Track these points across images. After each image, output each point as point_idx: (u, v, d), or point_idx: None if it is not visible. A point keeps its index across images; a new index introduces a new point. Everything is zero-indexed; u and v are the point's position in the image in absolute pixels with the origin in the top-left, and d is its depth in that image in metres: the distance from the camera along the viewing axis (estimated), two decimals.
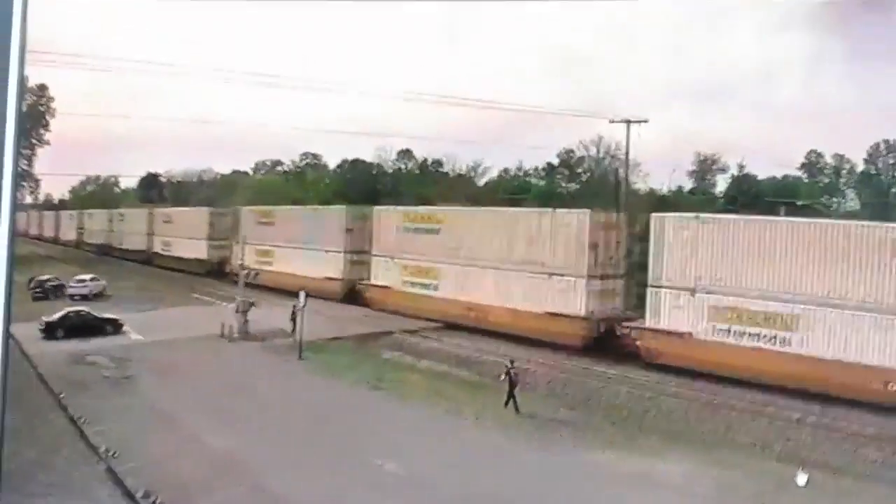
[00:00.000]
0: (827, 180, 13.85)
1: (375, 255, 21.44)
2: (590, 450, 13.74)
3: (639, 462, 13.47)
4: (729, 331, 16.48)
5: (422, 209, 18.44)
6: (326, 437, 13.83)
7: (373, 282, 21.82)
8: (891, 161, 13.49)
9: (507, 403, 15.02)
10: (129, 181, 19.62)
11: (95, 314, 17.72)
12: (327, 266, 22.05)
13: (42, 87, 14.06)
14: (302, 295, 16.49)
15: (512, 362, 15.82)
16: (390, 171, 16.42)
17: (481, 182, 16.05)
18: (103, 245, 23.76)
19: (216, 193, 18.70)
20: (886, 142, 13.40)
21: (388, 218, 19.53)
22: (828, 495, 12.20)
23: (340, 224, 20.54)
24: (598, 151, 14.99)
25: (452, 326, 17.50)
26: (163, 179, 19.15)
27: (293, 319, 17.15)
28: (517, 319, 18.26)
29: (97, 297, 18.22)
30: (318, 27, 10.90)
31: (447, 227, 18.47)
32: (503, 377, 15.39)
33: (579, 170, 15.53)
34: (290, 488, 12.53)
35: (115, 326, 17.90)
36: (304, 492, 12.39)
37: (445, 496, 12.24)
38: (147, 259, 23.15)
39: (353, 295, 22.12)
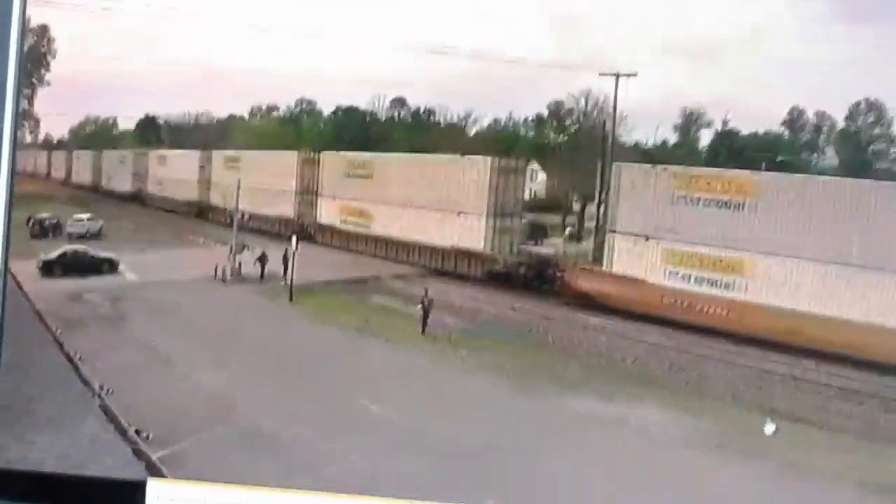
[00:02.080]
0: (807, 137, 13.78)
1: None
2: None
3: None
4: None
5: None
6: (314, 377, 13.83)
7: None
8: (870, 119, 13.40)
9: (423, 331, 15.29)
10: (126, 123, 19.47)
11: (93, 253, 17.62)
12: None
13: (43, 28, 13.87)
14: (294, 239, 16.39)
15: (426, 292, 16.19)
16: (383, 119, 16.24)
17: (472, 132, 15.92)
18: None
19: (214, 137, 18.48)
20: (867, 100, 13.32)
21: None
22: (795, 443, 12.22)
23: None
24: (586, 104, 14.92)
25: (438, 272, 17.42)
26: (160, 122, 18.85)
27: (284, 263, 17.06)
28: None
29: (94, 236, 18.08)
30: None
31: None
32: (419, 307, 15.71)
33: (568, 122, 15.48)
34: (279, 426, 12.54)
35: (111, 266, 17.78)
36: (293, 429, 12.40)
37: (428, 435, 12.32)
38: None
39: None
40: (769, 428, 13.05)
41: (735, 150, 13.56)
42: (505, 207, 18.18)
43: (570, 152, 14.69)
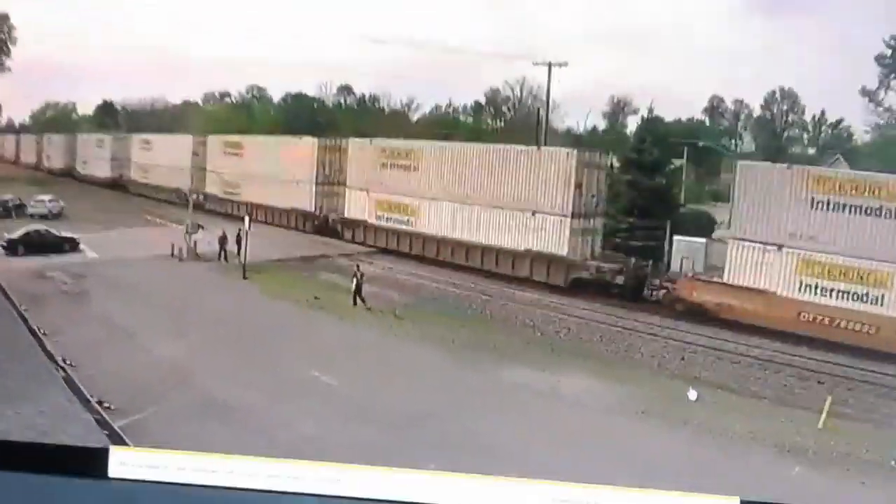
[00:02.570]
0: (727, 123, 14.32)
1: None
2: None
3: None
4: None
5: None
6: (266, 349, 14.29)
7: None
8: (784, 107, 13.97)
9: (354, 303, 15.74)
10: (85, 108, 19.60)
11: (55, 232, 17.91)
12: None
13: (4, 17, 14.11)
14: (246, 219, 16.74)
15: (358, 267, 16.59)
16: (331, 105, 16.61)
17: (414, 118, 16.35)
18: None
19: (169, 123, 18.68)
20: (782, 89, 13.88)
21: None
22: (716, 409, 12.87)
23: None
24: (521, 92, 15.39)
25: (384, 251, 17.71)
26: (118, 107, 19.06)
27: (238, 242, 17.39)
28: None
29: (56, 216, 18.37)
30: None
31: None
32: (353, 280, 16.15)
33: (504, 108, 15.93)
34: (233, 396, 12.95)
35: (72, 245, 18.09)
36: (247, 399, 12.82)
37: (375, 404, 12.78)
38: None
39: None
40: (692, 395, 13.69)
41: (659, 136, 14.06)
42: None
43: (506, 137, 15.12)
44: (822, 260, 13.97)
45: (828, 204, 13.84)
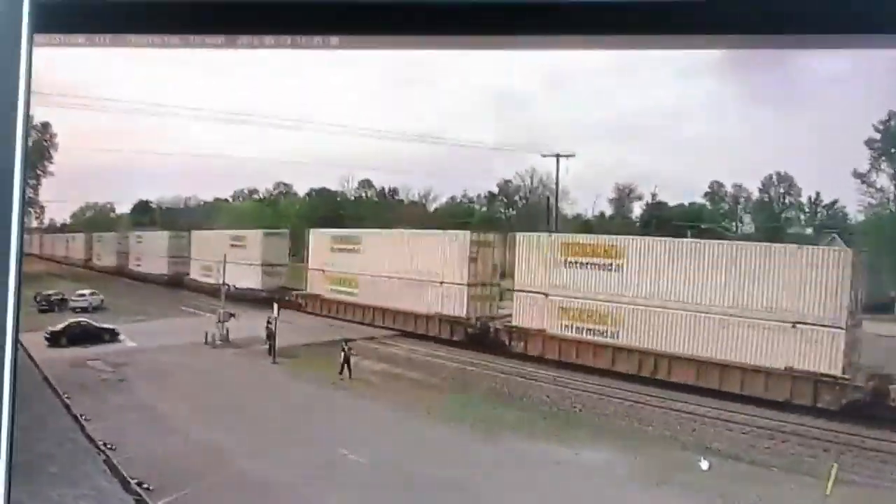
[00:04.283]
0: (727, 206, 14.44)
1: None
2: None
3: None
4: None
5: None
6: (297, 430, 14.32)
7: None
8: (781, 191, 14.13)
9: (340, 373, 15.79)
10: (122, 208, 19.84)
11: (95, 324, 18.05)
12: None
13: (45, 125, 14.40)
14: (275, 306, 16.77)
15: (346, 342, 16.52)
16: (352, 198, 16.81)
17: (431, 208, 16.50)
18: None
19: (202, 218, 18.78)
20: (778, 173, 14.02)
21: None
22: (726, 476, 12.82)
23: None
24: (531, 182, 15.59)
25: (407, 334, 17.31)
26: (153, 206, 19.20)
27: (267, 329, 17.46)
28: None
29: (96, 309, 18.52)
30: (284, 72, 11.42)
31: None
32: (342, 353, 16.22)
33: (516, 197, 16.14)
34: (267, 474, 12.99)
35: (112, 335, 18.22)
36: (279, 476, 12.85)
37: (405, 480, 12.78)
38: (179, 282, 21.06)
39: None
40: (704, 464, 13.65)
41: (664, 220, 14.21)
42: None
43: (519, 224, 15.36)
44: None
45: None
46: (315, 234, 18.90)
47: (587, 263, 15.84)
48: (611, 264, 15.74)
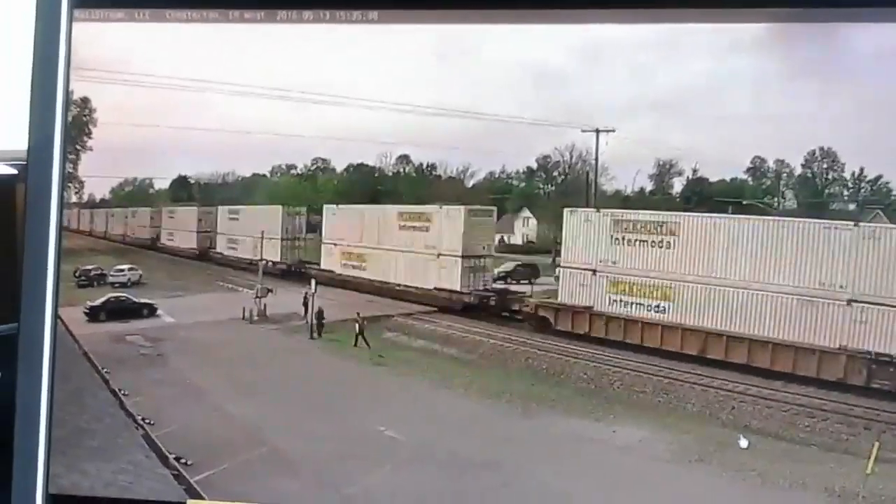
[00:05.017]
0: (769, 182, 14.14)
1: None
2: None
3: None
4: None
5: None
6: (333, 406, 14.19)
7: None
8: (825, 166, 13.81)
9: (355, 344, 15.65)
10: (160, 183, 19.69)
11: (134, 299, 17.98)
12: None
13: (85, 100, 14.29)
14: (312, 282, 16.57)
15: (359, 314, 16.38)
16: (390, 174, 16.55)
17: (469, 184, 16.24)
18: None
19: (241, 193, 18.57)
20: (821, 149, 13.70)
21: None
22: (766, 455, 12.60)
23: None
24: (571, 157, 15.31)
25: (444, 309, 17.10)
26: (191, 181, 18.99)
27: (305, 304, 17.26)
28: None
29: (135, 284, 18.44)
30: (322, 47, 11.29)
31: None
32: (356, 325, 16.11)
33: (555, 173, 15.86)
34: (303, 451, 12.84)
35: (150, 310, 18.13)
36: (315, 454, 12.74)
37: (439, 457, 12.67)
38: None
39: None
40: (743, 443, 13.39)
41: (705, 196, 13.93)
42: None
43: (558, 200, 15.16)
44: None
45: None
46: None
47: (637, 241, 16.45)
48: (662, 241, 16.54)
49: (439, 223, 17.29)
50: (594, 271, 15.44)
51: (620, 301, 15.06)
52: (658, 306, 14.75)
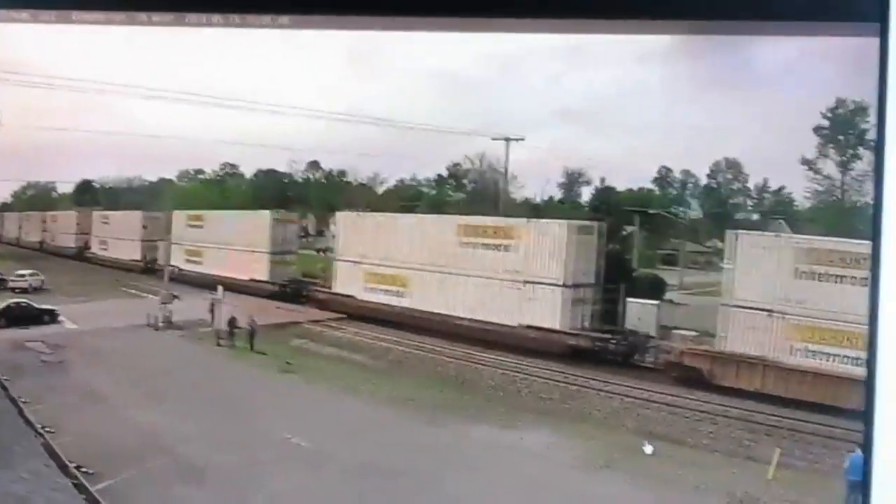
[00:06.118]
0: (675, 192, 14.36)
1: None
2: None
3: None
4: None
5: None
6: (240, 414, 14.03)
7: None
8: (729, 176, 14.09)
9: (252, 348, 15.09)
10: (64, 187, 19.28)
11: (35, 305, 17.62)
12: None
13: None
14: (220, 288, 16.21)
15: (252, 317, 15.18)
16: (300, 180, 16.42)
17: (380, 190, 16.18)
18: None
19: (146, 199, 18.11)
20: (726, 159, 14.00)
21: None
22: (670, 461, 12.78)
23: None
24: (481, 165, 15.38)
25: (354, 317, 16.51)
26: (96, 185, 18.61)
27: (211, 311, 16.95)
28: None
29: (36, 290, 18.08)
30: (232, 52, 11.13)
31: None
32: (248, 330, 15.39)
33: (465, 181, 15.89)
34: (209, 459, 12.74)
35: (51, 316, 17.81)
36: (221, 462, 12.61)
37: (345, 464, 12.59)
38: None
39: None
40: (648, 449, 13.58)
41: (613, 205, 14.08)
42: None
43: (468, 207, 15.05)
44: None
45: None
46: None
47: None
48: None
49: (528, 241, 13.01)
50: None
51: None
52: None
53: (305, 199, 15.85)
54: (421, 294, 13.25)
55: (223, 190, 16.34)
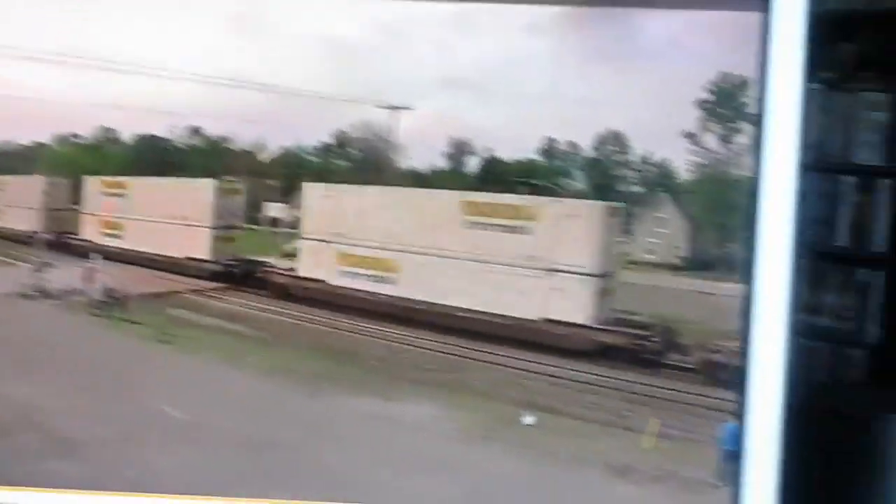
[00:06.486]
0: (561, 163, 14.40)
1: None
2: None
3: None
4: None
5: None
6: (116, 386, 13.66)
7: None
8: (614, 148, 14.19)
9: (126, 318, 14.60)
10: None
11: None
12: None
13: None
14: (96, 256, 15.67)
15: (123, 286, 14.82)
16: (181, 146, 15.99)
17: (263, 158, 15.88)
18: None
19: (19, 164, 17.46)
20: (611, 131, 14.08)
21: None
22: (550, 432, 12.87)
23: None
24: (366, 134, 15.22)
25: (240, 287, 15.95)
26: None
27: (87, 279, 16.45)
28: None
29: None
30: (110, 13, 10.81)
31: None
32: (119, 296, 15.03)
33: (350, 149, 15.69)
34: (84, 432, 12.40)
35: None
36: (96, 435, 12.29)
37: (223, 436, 12.41)
38: None
39: None
40: (528, 420, 13.65)
41: (498, 175, 14.07)
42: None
43: (353, 176, 14.92)
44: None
45: None
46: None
47: None
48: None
49: (552, 223, 12.11)
50: None
51: None
52: None
53: (186, 164, 15.49)
54: (414, 281, 11.74)
55: (101, 155, 15.86)
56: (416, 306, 13.02)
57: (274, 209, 15.56)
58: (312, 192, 14.31)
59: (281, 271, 14.29)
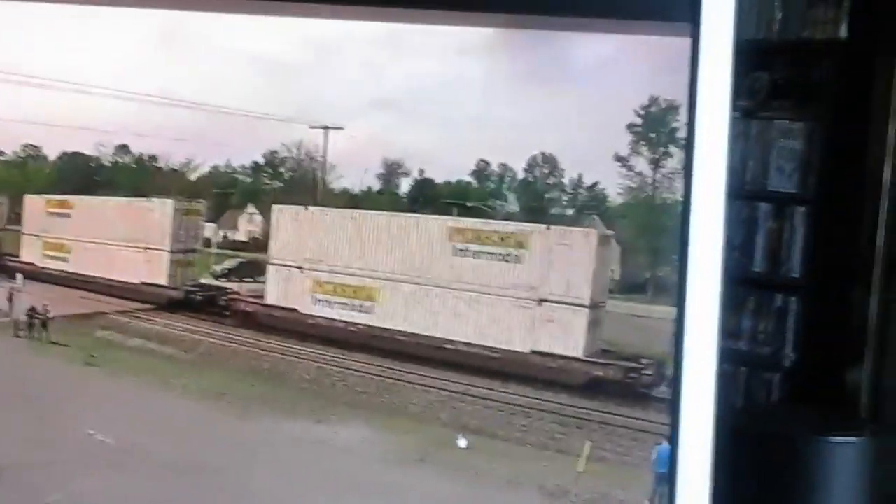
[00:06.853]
0: (493, 185, 14.49)
1: None
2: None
3: None
4: None
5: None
6: (40, 409, 13.39)
7: None
8: (545, 171, 14.31)
9: (40, 338, 14.18)
10: None
11: None
12: None
13: None
14: (19, 276, 15.28)
15: (45, 305, 13.99)
16: (108, 164, 15.77)
17: (193, 176, 15.68)
18: None
19: None
20: (543, 154, 14.19)
21: None
22: (484, 454, 12.90)
23: None
24: (298, 153, 15.14)
25: (168, 308, 15.47)
26: None
27: (10, 299, 16.06)
28: None
29: None
30: (34, 28, 10.61)
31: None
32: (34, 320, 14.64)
33: (282, 169, 15.62)
34: (5, 457, 12.14)
35: None
36: (16, 459, 12.02)
37: (151, 461, 12.22)
38: None
39: None
40: (462, 442, 13.66)
41: (431, 197, 14.09)
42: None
43: (284, 196, 14.82)
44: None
45: None
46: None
47: None
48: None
49: (540, 250, 11.30)
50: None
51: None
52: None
53: (113, 183, 15.24)
54: (394, 310, 11.13)
55: (24, 172, 15.55)
56: (397, 338, 12.57)
57: (205, 230, 15.08)
58: (282, 215, 13.72)
59: (248, 299, 13.67)
